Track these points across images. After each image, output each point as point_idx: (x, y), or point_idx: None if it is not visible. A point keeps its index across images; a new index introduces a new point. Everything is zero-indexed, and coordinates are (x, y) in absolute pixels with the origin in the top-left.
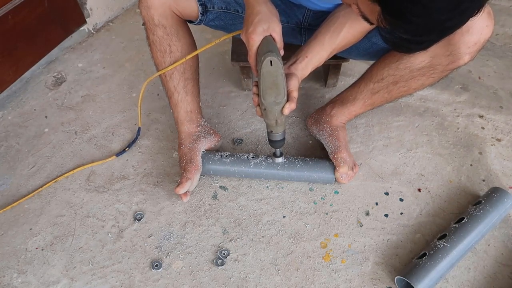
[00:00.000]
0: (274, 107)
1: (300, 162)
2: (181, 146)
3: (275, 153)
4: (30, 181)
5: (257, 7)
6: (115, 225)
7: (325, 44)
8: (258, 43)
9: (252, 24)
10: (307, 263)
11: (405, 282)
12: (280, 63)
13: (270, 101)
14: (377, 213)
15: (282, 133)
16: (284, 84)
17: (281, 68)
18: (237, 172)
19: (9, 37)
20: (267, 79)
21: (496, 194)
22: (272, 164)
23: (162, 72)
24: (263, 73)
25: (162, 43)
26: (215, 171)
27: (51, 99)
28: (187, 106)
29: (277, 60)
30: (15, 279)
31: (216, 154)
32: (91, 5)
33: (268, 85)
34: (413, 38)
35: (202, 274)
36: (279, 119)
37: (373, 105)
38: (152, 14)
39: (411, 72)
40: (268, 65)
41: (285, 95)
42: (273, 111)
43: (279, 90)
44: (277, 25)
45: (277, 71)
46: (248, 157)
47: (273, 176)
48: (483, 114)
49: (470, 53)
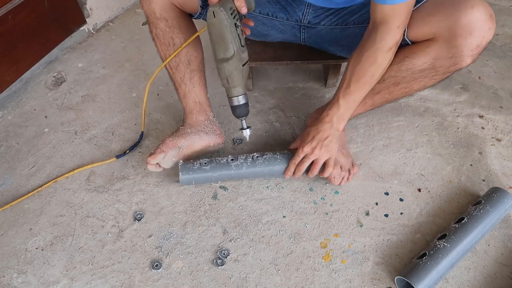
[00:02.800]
0: (223, 64)
1: (279, 155)
2: (182, 126)
3: (241, 125)
4: (30, 181)
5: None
6: (115, 225)
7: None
8: (217, 1)
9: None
10: (307, 263)
11: (405, 282)
12: (224, 15)
13: (219, 58)
14: (377, 213)
15: (242, 97)
16: (233, 39)
17: (225, 20)
18: (219, 177)
19: (9, 37)
20: (212, 32)
21: (496, 194)
22: (255, 163)
23: (162, 66)
24: (208, 26)
25: (165, 36)
26: (197, 180)
27: (51, 99)
28: (195, 97)
29: (220, 11)
30: (15, 279)
31: (195, 163)
32: (91, 5)
33: (214, 39)
34: None
35: (202, 274)
36: (229, 78)
37: (374, 105)
38: (153, 8)
39: (413, 73)
40: (211, 17)
41: (233, 51)
42: (222, 69)
43: (226, 45)
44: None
45: (220, 23)
46: (228, 160)
47: (256, 175)
48: (483, 114)
49: (472, 56)
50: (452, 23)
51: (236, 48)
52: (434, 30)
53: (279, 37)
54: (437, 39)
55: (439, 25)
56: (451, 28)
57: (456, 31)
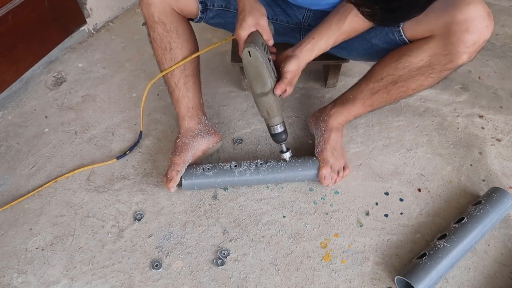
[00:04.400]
0: (262, 98)
1: (283, 163)
2: (178, 139)
3: (281, 149)
4: (30, 181)
5: (241, 5)
6: (115, 225)
7: (332, 27)
8: (245, 38)
9: (238, 21)
10: (307, 263)
11: (405, 282)
12: (259, 53)
13: (258, 93)
14: (377, 213)
15: (281, 125)
16: (270, 74)
17: (261, 57)
18: (222, 183)
19: (9, 37)
20: (250, 70)
21: (496, 194)
22: (258, 170)
23: (164, 73)
24: (244, 65)
25: (163, 40)
26: (200, 185)
27: (51, 99)
28: (189, 102)
29: (255, 50)
30: (15, 279)
31: (198, 168)
32: (91, 5)
33: (252, 76)
34: (384, 6)
35: (202, 274)
36: (270, 110)
37: (372, 106)
38: (152, 11)
39: (410, 71)
40: (247, 57)
41: (271, 85)
42: (262, 103)
43: (263, 80)
44: (261, 19)
45: (257, 61)
46: (231, 167)
47: (259, 182)
48: (483, 114)
49: (468, 53)
50: (449, 20)
51: (273, 81)
52: (431, 27)
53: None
54: (434, 36)
55: (436, 22)
56: (448, 25)
57: (452, 28)
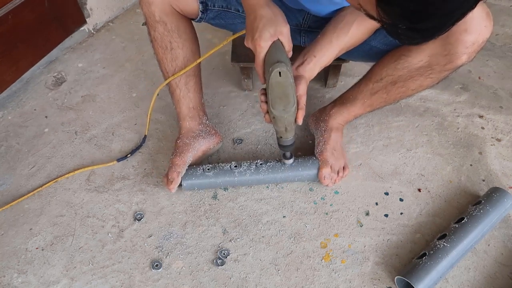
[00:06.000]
0: (284, 115)
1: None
2: (178, 139)
3: (285, 155)
4: (30, 181)
5: (260, 11)
6: (115, 225)
7: (333, 43)
8: (266, 50)
9: (257, 30)
10: (307, 263)
11: (405, 282)
12: (289, 73)
13: (280, 110)
14: (377, 213)
15: (292, 138)
16: (294, 93)
17: (291, 77)
18: (222, 184)
19: (9, 37)
20: (276, 90)
21: (496, 194)
22: (258, 170)
23: (170, 79)
24: (272, 84)
25: (163, 40)
26: (200, 185)
27: (51, 99)
28: (189, 102)
29: (286, 71)
30: (15, 279)
31: (198, 169)
32: (91, 5)
33: (277, 95)
34: (411, 26)
35: (202, 274)
36: (288, 126)
37: (372, 106)
38: (153, 11)
39: (409, 72)
40: (277, 76)
41: (294, 103)
42: (282, 120)
43: (288, 99)
44: (284, 27)
45: (286, 82)
46: (231, 167)
47: (259, 182)
48: (483, 114)
49: (468, 53)
50: None
51: (295, 99)
52: None
53: None
54: None
55: None
56: None
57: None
